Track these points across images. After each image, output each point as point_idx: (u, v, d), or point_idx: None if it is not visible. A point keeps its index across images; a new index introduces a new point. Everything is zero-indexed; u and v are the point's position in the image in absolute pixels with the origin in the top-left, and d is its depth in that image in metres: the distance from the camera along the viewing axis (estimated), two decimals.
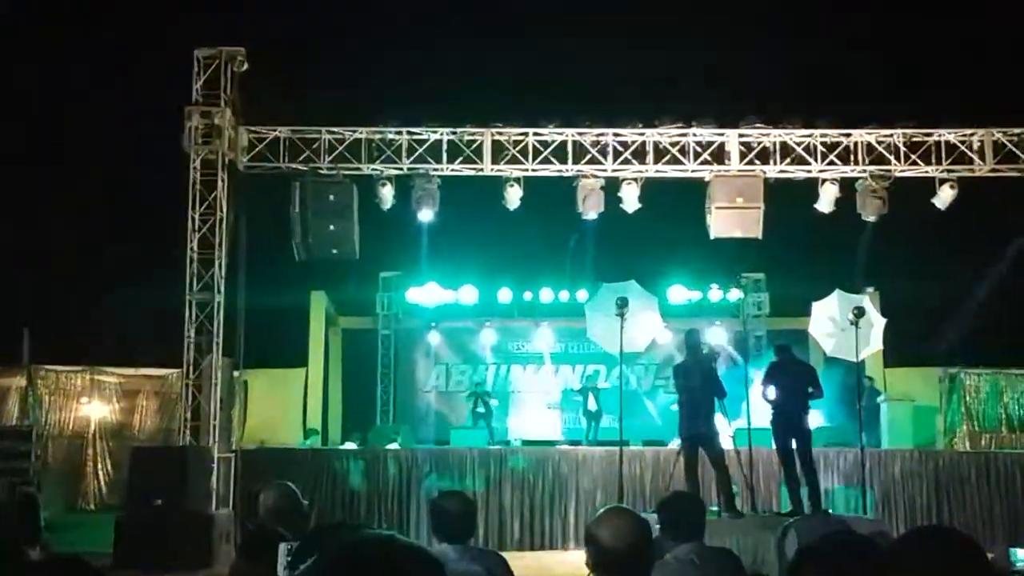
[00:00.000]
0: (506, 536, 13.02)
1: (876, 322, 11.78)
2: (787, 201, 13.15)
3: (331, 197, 12.83)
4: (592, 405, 17.26)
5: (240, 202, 12.58)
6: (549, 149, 13.08)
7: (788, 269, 17.07)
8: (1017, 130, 13.12)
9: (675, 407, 11.30)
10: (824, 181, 13.12)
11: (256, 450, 13.55)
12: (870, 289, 16.36)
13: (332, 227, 12.87)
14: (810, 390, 10.32)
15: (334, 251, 13.05)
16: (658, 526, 4.09)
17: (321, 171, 12.94)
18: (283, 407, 17.41)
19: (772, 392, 10.34)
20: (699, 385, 10.12)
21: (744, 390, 11.59)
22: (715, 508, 10.10)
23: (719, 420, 10.40)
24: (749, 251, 14.47)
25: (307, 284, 17.75)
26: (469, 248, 17.09)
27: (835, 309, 11.84)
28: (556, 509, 13.25)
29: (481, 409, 17.51)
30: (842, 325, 11.46)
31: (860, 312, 10.87)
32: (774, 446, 10.65)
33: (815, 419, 11.74)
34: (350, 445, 15.39)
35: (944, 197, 13.01)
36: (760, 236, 12.92)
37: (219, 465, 12.09)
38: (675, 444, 11.58)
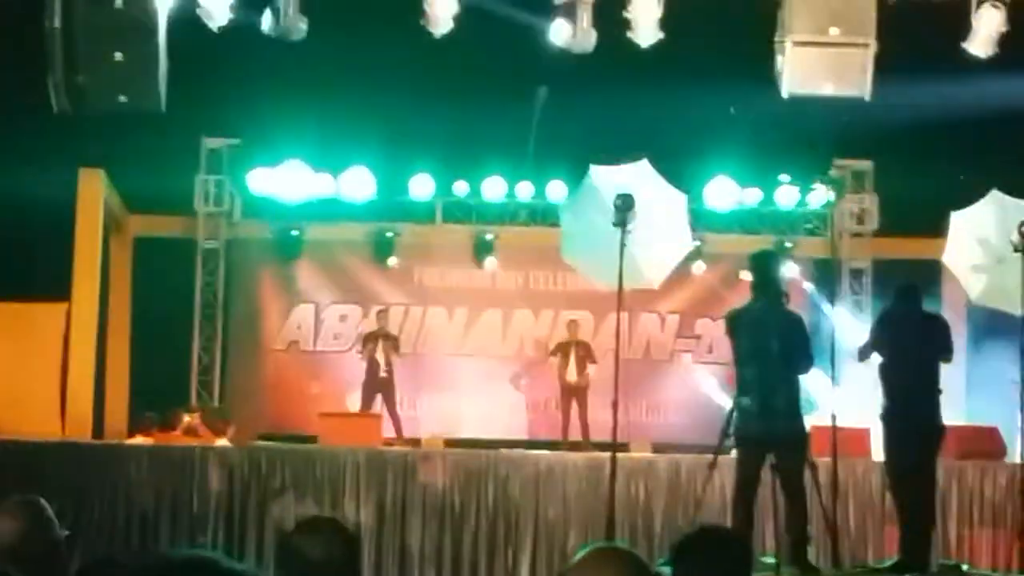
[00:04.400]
0: None
1: None
2: (915, 35, 13.19)
3: (118, 1, 12.64)
4: (569, 377, 17.40)
5: None
6: None
7: (913, 155, 17.19)
8: None
9: (722, 385, 11.45)
10: (982, 1, 13.17)
11: None
12: None
13: (119, 55, 12.70)
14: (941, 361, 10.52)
15: (122, 98, 12.91)
16: None
17: None
18: (28, 369, 17.32)
19: (883, 364, 10.52)
20: (775, 348, 10.23)
21: (829, 360, 11.75)
22: (770, 559, 10.28)
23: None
24: (847, 122, 14.49)
25: (73, 157, 17.55)
26: (360, 101, 17.00)
27: (989, 224, 11.96)
28: (500, 554, 13.43)
29: (382, 377, 17.61)
30: (1000, 252, 11.60)
31: None
32: (882, 456, 10.83)
33: (948, 411, 11.92)
34: (142, 439, 15.38)
35: None
36: (868, 95, 12.98)
37: None
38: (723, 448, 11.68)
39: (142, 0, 12.70)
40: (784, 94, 13.13)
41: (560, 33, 13.03)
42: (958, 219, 12.53)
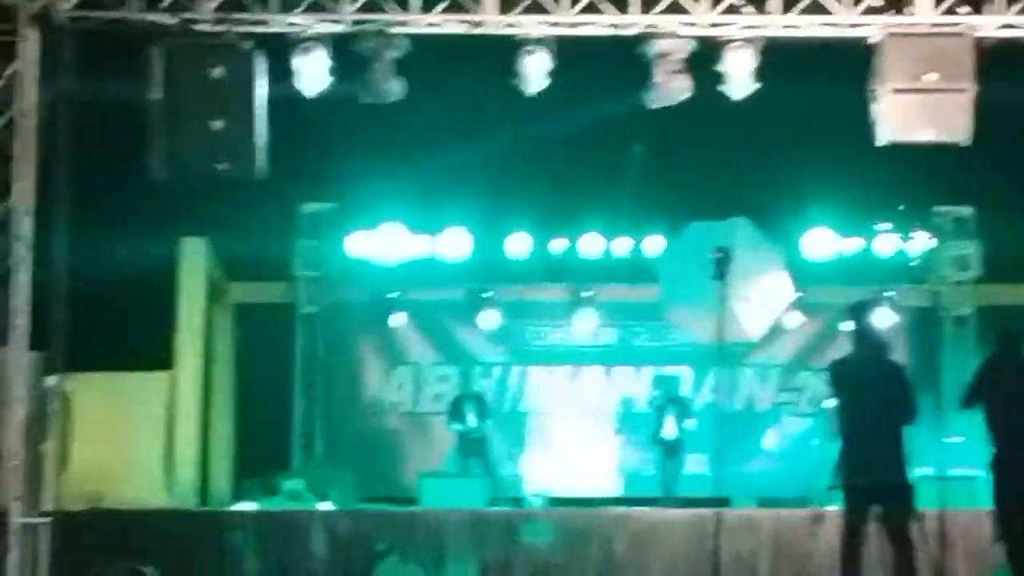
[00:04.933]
0: None
1: None
2: (1016, 78, 13.09)
3: (217, 72, 12.81)
4: (669, 431, 17.36)
5: (59, 79, 12.58)
6: None
7: (1016, 200, 17.02)
8: None
9: (826, 437, 11.36)
10: None
11: (86, 512, 13.63)
12: None
13: (218, 125, 12.85)
14: None
15: (221, 166, 13.04)
16: None
17: (199, 24, 12.92)
18: (132, 437, 17.48)
19: (988, 412, 10.40)
20: (878, 398, 10.16)
21: (933, 409, 11.62)
22: None
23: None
24: (947, 168, 14.39)
25: (174, 226, 17.76)
26: (456, 164, 17.10)
27: None
28: None
29: (475, 438, 17.64)
30: None
31: None
32: (992, 507, 10.68)
33: None
34: (247, 504, 15.48)
35: None
36: (968, 140, 12.88)
37: (22, 536, 12.14)
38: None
39: (241, 68, 12.89)
40: (880, 142, 13.05)
41: (657, 88, 13.02)
42: None
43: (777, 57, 13.17)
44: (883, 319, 14.98)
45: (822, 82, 13.67)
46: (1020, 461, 10.44)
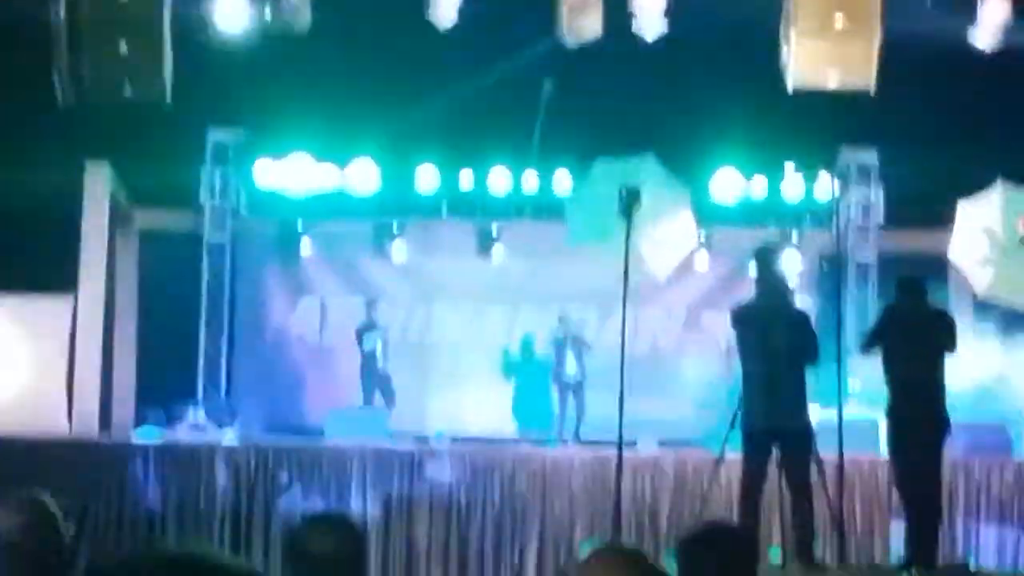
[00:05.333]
0: None
1: None
2: (920, 26, 13.15)
3: None
4: (572, 371, 17.42)
5: None
6: None
7: (920, 146, 17.13)
8: None
9: (727, 380, 11.44)
10: None
11: None
12: None
13: (125, 48, 12.70)
14: (947, 355, 10.51)
15: (127, 91, 12.90)
16: None
17: None
18: (33, 364, 17.33)
19: (887, 359, 10.51)
20: (781, 343, 10.24)
21: (834, 354, 11.73)
22: (776, 555, 10.28)
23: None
24: (852, 113, 14.47)
25: (78, 151, 17.54)
26: (366, 95, 17.00)
27: (996, 215, 11.94)
28: (507, 551, 13.44)
29: (380, 373, 17.63)
30: (1009, 245, 11.58)
31: None
32: (885, 453, 10.81)
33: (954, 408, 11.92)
34: (149, 435, 15.41)
35: None
36: (873, 86, 12.95)
37: None
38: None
39: None
40: (790, 87, 13.12)
41: (568, 25, 12.99)
42: (965, 209, 12.46)
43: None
44: (787, 264, 15.09)
45: (733, 23, 13.68)
46: (916, 407, 10.56)
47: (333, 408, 16.53)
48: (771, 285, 10.60)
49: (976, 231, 12.11)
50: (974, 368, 14.28)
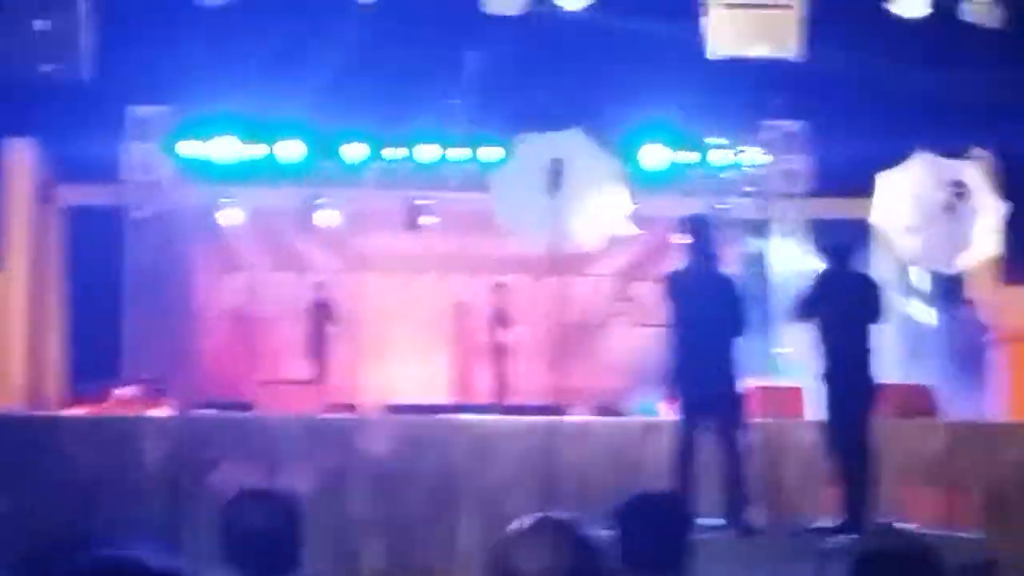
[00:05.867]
0: (355, 570, 13.20)
1: (987, 209, 12.06)
2: None
3: None
4: (503, 340, 17.46)
5: None
6: None
7: (843, 116, 17.25)
8: None
9: (661, 348, 11.45)
10: None
11: None
12: (979, 152, 16.57)
13: (41, 23, 12.57)
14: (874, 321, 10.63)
15: (46, 68, 12.78)
16: (613, 549, 4.17)
17: None
18: None
19: (817, 326, 10.60)
20: (710, 311, 10.30)
21: (763, 321, 11.83)
22: (710, 521, 10.35)
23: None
24: (776, 83, 14.54)
25: (1, 127, 17.40)
26: (290, 66, 16.90)
27: (919, 185, 12.05)
28: (441, 522, 13.45)
29: (321, 344, 17.77)
30: (929, 212, 11.69)
31: (961, 190, 11.11)
32: (817, 419, 10.91)
33: (884, 372, 12.04)
34: (78, 409, 15.30)
35: None
36: (795, 55, 13.01)
37: None
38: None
39: None
40: (709, 55, 13.15)
41: None
42: (884, 180, 12.57)
43: None
44: (716, 232, 15.16)
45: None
46: (848, 374, 10.66)
47: (263, 381, 16.45)
48: (699, 252, 10.65)
49: (900, 201, 12.21)
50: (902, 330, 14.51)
